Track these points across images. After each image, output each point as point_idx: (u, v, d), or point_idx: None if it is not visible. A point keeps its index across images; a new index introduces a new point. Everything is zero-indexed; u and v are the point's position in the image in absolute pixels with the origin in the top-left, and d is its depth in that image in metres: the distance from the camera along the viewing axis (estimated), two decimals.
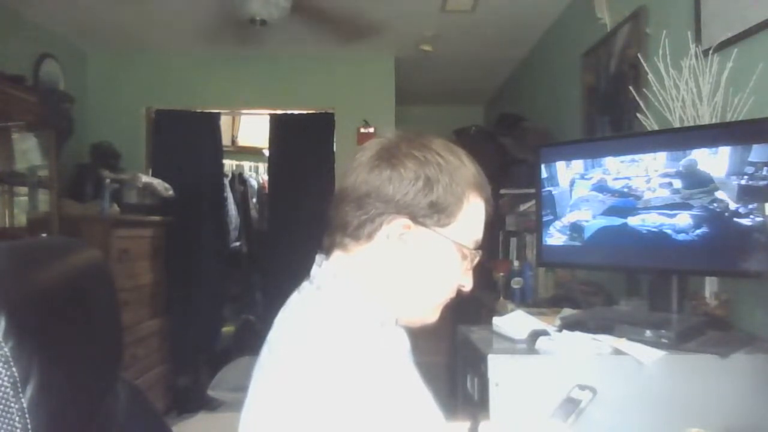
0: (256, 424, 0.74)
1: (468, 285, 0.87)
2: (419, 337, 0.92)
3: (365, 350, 0.73)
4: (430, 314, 0.87)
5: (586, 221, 1.66)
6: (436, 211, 0.80)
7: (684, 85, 1.69)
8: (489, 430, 1.00)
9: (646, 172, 1.53)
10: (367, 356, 0.72)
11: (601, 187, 1.63)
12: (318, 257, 0.86)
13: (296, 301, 0.84)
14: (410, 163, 0.80)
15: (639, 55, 2.15)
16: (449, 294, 0.87)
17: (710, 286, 1.64)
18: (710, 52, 1.69)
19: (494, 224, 3.32)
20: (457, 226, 0.82)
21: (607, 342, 1.33)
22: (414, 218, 0.80)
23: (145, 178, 3.58)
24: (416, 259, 0.82)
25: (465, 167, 0.84)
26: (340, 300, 0.80)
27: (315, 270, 0.85)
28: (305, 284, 0.85)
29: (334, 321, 0.77)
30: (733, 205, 1.36)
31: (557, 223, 1.73)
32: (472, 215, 0.84)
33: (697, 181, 1.42)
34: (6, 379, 0.62)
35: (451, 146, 0.85)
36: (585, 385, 1.05)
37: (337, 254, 0.84)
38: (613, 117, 2.52)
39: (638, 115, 1.97)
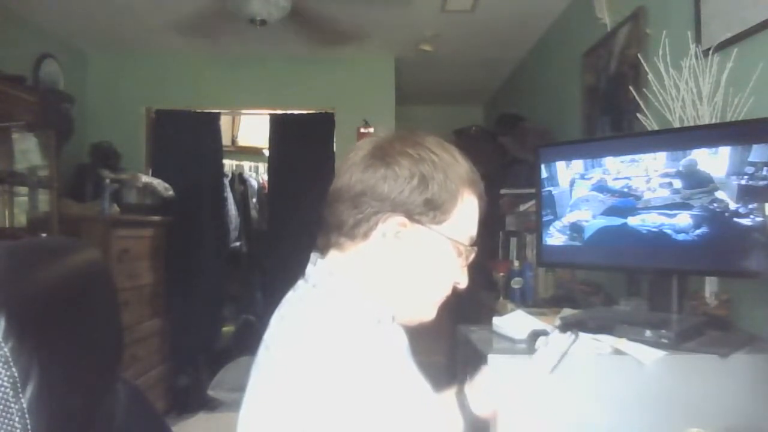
0: (254, 423, 0.75)
1: (463, 282, 0.87)
2: (419, 337, 0.92)
3: (362, 347, 0.73)
4: (427, 312, 0.87)
5: (586, 221, 1.66)
6: (431, 209, 0.80)
7: (684, 85, 1.69)
8: (477, 384, 1.01)
9: (646, 172, 1.53)
10: (365, 353, 0.72)
11: (601, 187, 1.63)
12: (313, 256, 0.86)
13: (292, 300, 0.84)
14: (405, 161, 0.80)
15: (639, 55, 2.15)
16: (445, 291, 0.87)
17: (710, 286, 1.63)
18: (710, 52, 1.68)
19: (494, 224, 3.32)
20: (452, 222, 0.82)
21: (607, 342, 1.33)
22: (410, 216, 0.80)
23: (145, 178, 3.58)
24: (412, 257, 0.82)
25: (458, 164, 0.84)
26: (336, 298, 0.80)
27: (310, 268, 0.85)
28: (300, 282, 0.85)
29: (330, 319, 0.77)
30: (733, 205, 1.36)
31: (557, 223, 1.73)
32: (466, 212, 0.84)
33: (697, 181, 1.42)
34: (6, 379, 0.62)
35: (444, 143, 0.85)
36: (566, 326, 1.04)
37: (332, 253, 0.84)
38: (613, 117, 2.52)
39: (638, 115, 1.97)
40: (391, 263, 0.81)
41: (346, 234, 0.82)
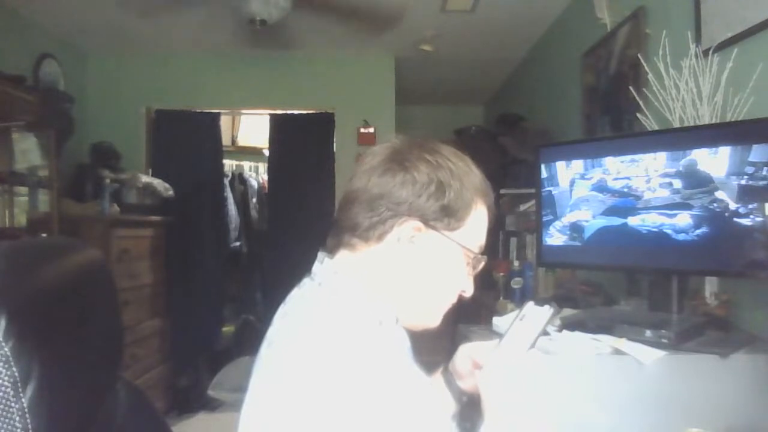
0: (256, 420, 0.75)
1: (469, 291, 0.88)
2: (419, 337, 0.92)
3: (364, 346, 0.74)
4: (433, 319, 0.88)
5: (586, 221, 1.66)
6: (446, 215, 0.81)
7: (684, 85, 1.69)
8: (458, 360, 1.00)
9: (646, 172, 1.53)
10: (367, 352, 0.73)
11: (601, 187, 1.63)
12: (320, 254, 0.87)
13: (296, 297, 0.84)
14: (423, 166, 0.81)
15: (639, 55, 2.15)
16: (452, 299, 0.88)
17: (710, 286, 1.63)
18: (710, 52, 1.68)
19: (494, 224, 3.32)
20: (465, 230, 0.83)
21: (607, 342, 1.33)
22: (425, 221, 0.81)
23: (145, 178, 3.58)
24: (424, 262, 0.83)
25: (473, 174, 0.86)
26: (341, 296, 0.81)
27: (316, 266, 0.86)
28: (306, 280, 0.86)
29: (334, 317, 0.77)
30: (733, 205, 1.36)
31: (557, 223, 1.73)
32: (478, 221, 0.86)
33: (697, 181, 1.42)
34: (6, 379, 0.62)
35: (458, 152, 0.87)
36: (541, 301, 1.01)
37: (342, 253, 0.85)
38: (613, 117, 2.52)
39: (638, 115, 1.97)
40: (402, 267, 0.82)
41: (360, 236, 0.83)
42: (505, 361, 0.92)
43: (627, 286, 2.11)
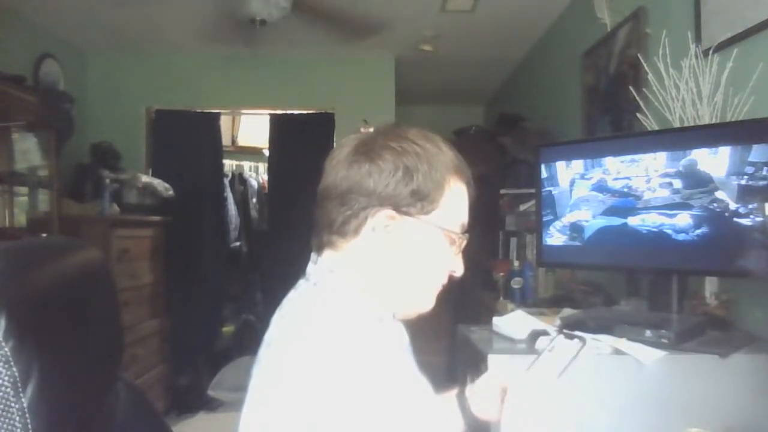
0: (256, 420, 0.75)
1: (459, 270, 0.87)
2: (419, 336, 0.92)
3: (363, 344, 0.74)
4: (425, 302, 0.87)
5: (586, 221, 1.66)
6: (418, 199, 0.81)
7: (684, 85, 1.69)
8: (479, 387, 1.00)
9: (646, 172, 1.53)
10: (366, 350, 0.73)
11: (601, 187, 1.63)
12: (313, 255, 0.87)
13: (293, 299, 0.84)
14: (388, 154, 0.81)
15: (639, 55, 2.15)
16: (441, 280, 0.87)
17: (710, 286, 1.64)
18: (710, 52, 1.69)
19: (494, 224, 3.32)
20: (440, 212, 0.82)
21: (607, 342, 1.33)
22: (397, 209, 0.80)
23: (145, 178, 3.58)
24: (404, 249, 0.82)
25: (443, 153, 0.84)
26: (337, 295, 0.81)
27: (311, 267, 0.85)
28: (301, 282, 0.86)
29: (332, 316, 0.77)
30: (733, 205, 1.36)
31: (557, 223, 1.73)
32: (454, 200, 0.84)
33: (697, 181, 1.42)
34: (6, 379, 0.62)
35: (427, 134, 0.85)
36: (571, 334, 1.02)
37: (327, 253, 0.85)
38: (613, 117, 2.52)
39: (638, 115, 1.97)
40: (384, 257, 0.82)
41: (337, 232, 0.82)
42: (534, 387, 0.91)
43: (627, 286, 2.11)
